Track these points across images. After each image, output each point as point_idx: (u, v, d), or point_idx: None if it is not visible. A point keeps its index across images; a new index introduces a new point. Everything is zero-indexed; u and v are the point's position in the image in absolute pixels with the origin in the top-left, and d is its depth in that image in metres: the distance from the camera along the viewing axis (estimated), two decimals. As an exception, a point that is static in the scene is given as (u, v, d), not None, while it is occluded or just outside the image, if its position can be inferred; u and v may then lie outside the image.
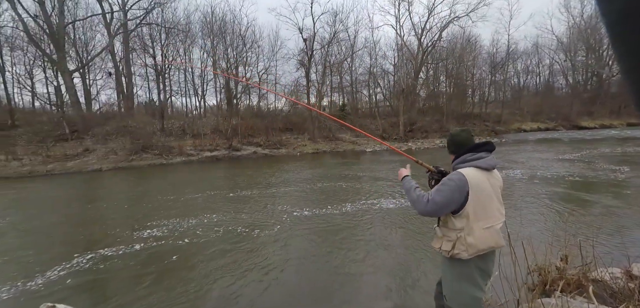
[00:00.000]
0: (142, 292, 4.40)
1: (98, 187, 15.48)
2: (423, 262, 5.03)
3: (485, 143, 2.11)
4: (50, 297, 4.38)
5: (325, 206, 8.69)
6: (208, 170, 19.13)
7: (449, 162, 2.38)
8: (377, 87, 37.74)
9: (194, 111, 32.75)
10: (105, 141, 24.07)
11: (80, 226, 7.95)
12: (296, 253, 5.68)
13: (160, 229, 7.12)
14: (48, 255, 5.98)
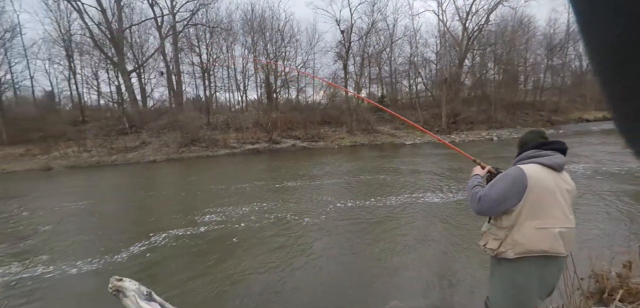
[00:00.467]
0: (207, 268, 5.11)
1: (156, 176, 17.05)
2: (464, 260, 4.94)
3: (554, 141, 1.90)
4: (133, 268, 5.30)
5: (368, 198, 8.92)
6: (250, 162, 20.10)
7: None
8: (418, 77, 36.40)
9: (237, 106, 34.34)
10: (159, 134, 26.22)
11: (148, 211, 9.20)
12: (339, 242, 6.04)
13: (218, 215, 7.97)
14: (127, 234, 6.99)
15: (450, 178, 11.59)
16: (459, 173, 12.18)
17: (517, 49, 35.00)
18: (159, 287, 4.71)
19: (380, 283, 4.43)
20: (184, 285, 4.68)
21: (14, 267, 5.60)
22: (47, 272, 5.30)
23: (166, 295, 4.41)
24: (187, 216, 8.01)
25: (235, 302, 4.20)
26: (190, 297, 4.41)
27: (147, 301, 2.43)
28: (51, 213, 9.27)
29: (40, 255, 5.93)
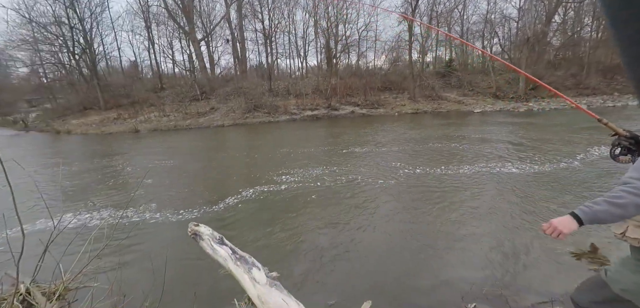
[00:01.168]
0: (289, 219, 5.97)
1: (227, 139, 18.36)
2: (528, 238, 4.70)
3: None
4: (229, 218, 6.24)
5: (437, 166, 8.98)
6: (310, 128, 20.44)
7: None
8: (495, 38, 32.56)
9: (297, 72, 34.71)
10: (226, 101, 27.89)
11: (232, 169, 10.34)
12: (408, 207, 6.35)
13: (294, 175, 8.85)
14: (219, 189, 8.05)
15: (528, 147, 10.68)
16: (538, 143, 11.15)
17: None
18: (251, 233, 5.49)
19: (445, 253, 4.51)
20: (269, 236, 5.33)
21: (125, 211, 6.80)
22: (151, 218, 6.38)
23: (254, 244, 5.07)
24: (267, 175, 8.93)
25: (308, 254, 4.68)
26: (276, 242, 5.11)
27: (220, 244, 2.71)
28: (150, 169, 10.78)
29: (142, 204, 7.13)
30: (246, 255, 2.67)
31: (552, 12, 28.40)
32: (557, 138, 12.07)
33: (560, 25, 30.13)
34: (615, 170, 7.47)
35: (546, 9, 28.45)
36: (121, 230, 5.78)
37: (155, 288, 2.75)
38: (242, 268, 2.50)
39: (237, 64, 32.21)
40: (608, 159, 7.15)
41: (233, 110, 26.18)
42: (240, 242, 4.89)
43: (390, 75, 30.33)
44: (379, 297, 3.61)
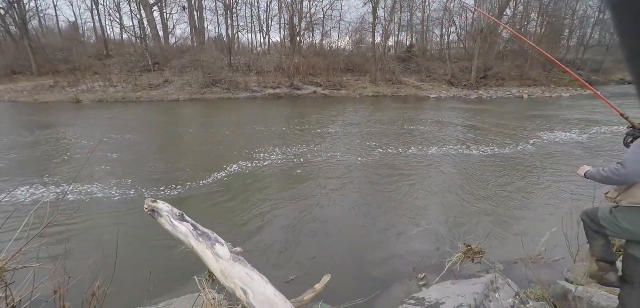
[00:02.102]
0: (258, 197, 6.06)
1: (185, 115, 17.30)
2: (475, 214, 5.25)
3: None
4: (195, 195, 6.11)
5: (401, 147, 9.67)
6: (273, 106, 20.06)
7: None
8: (452, 26, 33.93)
9: (259, 48, 33.47)
10: (181, 73, 26.24)
11: (193, 147, 9.92)
12: (369, 184, 6.78)
13: (261, 154, 8.84)
14: (183, 167, 7.71)
15: (486, 131, 11.85)
16: (495, 127, 12.22)
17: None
18: (216, 213, 5.45)
19: (400, 228, 4.90)
20: (234, 214, 5.35)
21: (69, 187, 6.34)
22: (102, 195, 5.86)
23: (219, 222, 5.04)
24: (231, 154, 8.82)
25: (272, 232, 4.76)
26: (241, 220, 5.16)
27: (180, 221, 2.63)
28: (100, 142, 9.99)
29: (93, 181, 6.55)
30: (208, 230, 2.63)
31: (504, 5, 30.16)
32: (512, 124, 13.41)
33: (510, 18, 32.13)
34: (559, 154, 8.52)
35: (499, 2, 30.13)
36: (68, 208, 5.41)
37: (106, 269, 2.58)
38: (204, 244, 2.47)
39: (194, 34, 30.22)
40: (556, 143, 8.25)
41: (189, 84, 24.77)
42: (204, 221, 4.86)
43: (353, 57, 30.49)
44: (338, 270, 3.80)
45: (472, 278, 3.24)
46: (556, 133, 11.49)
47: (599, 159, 8.09)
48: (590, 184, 5.88)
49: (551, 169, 7.46)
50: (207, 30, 32.45)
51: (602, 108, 17.24)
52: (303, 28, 28.88)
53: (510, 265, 3.86)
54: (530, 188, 6.44)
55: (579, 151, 9.07)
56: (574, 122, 13.55)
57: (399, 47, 34.86)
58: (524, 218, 5.18)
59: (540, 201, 5.79)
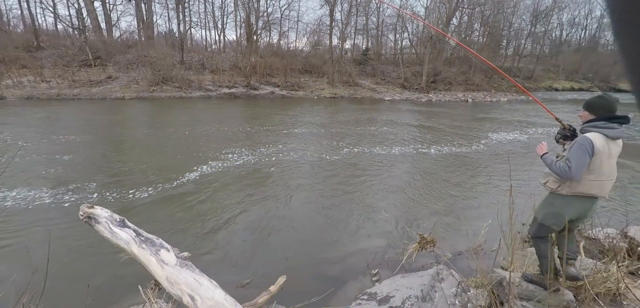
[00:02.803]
0: (213, 200, 5.88)
1: (132, 115, 16.03)
2: (426, 210, 5.53)
3: (622, 116, 2.34)
4: (143, 200, 5.66)
5: (360, 146, 9.94)
6: (230, 106, 19.41)
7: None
8: (405, 32, 35.55)
9: (213, 46, 32.23)
10: (127, 70, 24.39)
11: (143, 150, 9.17)
12: (325, 183, 6.86)
13: (240, 153, 8.68)
14: (130, 171, 7.16)
15: (442, 132, 12.59)
16: (449, 128, 12.98)
17: (505, 11, 34.66)
18: (167, 218, 5.11)
19: (355, 226, 5.00)
20: (187, 219, 5.01)
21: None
22: (31, 203, 5.11)
23: (170, 228, 4.64)
24: (211, 153, 8.55)
25: (227, 235, 4.56)
26: (194, 225, 4.81)
27: (121, 227, 2.48)
28: (42, 146, 8.86)
29: (21, 189, 5.64)
30: (153, 236, 2.50)
31: (451, 14, 32.27)
32: (465, 125, 14.45)
33: (456, 27, 34.49)
34: (505, 153, 9.24)
35: (447, 12, 32.17)
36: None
37: (35, 284, 2.30)
38: (148, 251, 2.35)
39: (141, 28, 28.24)
40: (502, 143, 9.04)
41: (136, 81, 23.11)
42: (154, 228, 4.55)
43: (311, 58, 30.62)
44: (294, 271, 3.79)
45: (420, 271, 3.40)
46: (502, 134, 12.58)
47: (538, 158, 8.95)
48: (525, 179, 6.49)
49: (497, 167, 8.16)
50: (156, 25, 30.58)
51: (536, 111, 19.30)
52: (260, 27, 28.38)
53: (456, 256, 4.11)
54: (477, 185, 6.95)
55: (522, 150, 10.01)
56: (516, 124, 14.97)
57: (355, 50, 35.72)
58: (470, 212, 5.58)
59: (484, 196, 6.26)
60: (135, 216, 5.06)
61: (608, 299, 2.80)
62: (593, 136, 2.30)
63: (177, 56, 26.28)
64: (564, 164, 2.36)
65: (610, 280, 2.88)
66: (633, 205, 5.70)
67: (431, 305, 2.74)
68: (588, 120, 2.44)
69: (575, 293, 2.92)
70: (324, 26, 31.26)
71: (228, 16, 30.97)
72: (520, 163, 8.59)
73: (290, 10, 30.75)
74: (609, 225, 4.11)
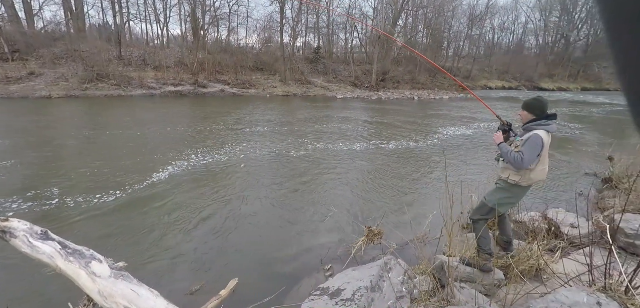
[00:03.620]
0: (158, 204, 5.57)
1: (62, 115, 14.20)
2: (379, 203, 5.73)
3: (553, 114, 2.77)
4: (77, 211, 5.07)
5: (315, 143, 10.05)
6: (177, 105, 18.28)
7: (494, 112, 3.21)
8: (354, 31, 36.46)
9: (156, 40, 30.12)
10: (54, 65, 21.83)
11: (77, 154, 8.33)
12: (277, 181, 6.79)
13: (210, 155, 8.31)
14: (63, 178, 6.33)
15: (397, 128, 13.13)
16: (406, 124, 13.39)
17: (445, 14, 37.19)
18: (105, 227, 4.66)
19: (308, 223, 4.97)
20: (131, 226, 4.59)
21: None
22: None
23: (110, 237, 4.17)
24: (171, 154, 8.11)
25: (176, 242, 4.28)
26: (138, 233, 4.45)
27: (43, 240, 2.27)
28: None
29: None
30: (82, 248, 2.30)
31: (397, 15, 33.81)
32: (414, 121, 15.19)
33: (402, 28, 36.24)
34: (453, 147, 9.81)
35: (393, 13, 33.64)
36: None
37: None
38: (76, 264, 2.17)
39: (69, 19, 25.41)
40: (452, 137, 9.95)
41: (65, 78, 20.77)
42: (90, 239, 4.25)
43: (262, 55, 30.06)
44: (247, 272, 3.71)
45: (370, 263, 3.49)
46: (450, 129, 13.45)
47: (486, 151, 9.76)
48: (465, 171, 6.83)
49: (445, 159, 8.63)
50: (88, 16, 27.76)
51: (476, 108, 21.07)
52: (207, 22, 27.15)
53: (403, 246, 4.26)
54: (424, 177, 7.32)
55: (469, 144, 10.78)
56: (464, 120, 16.12)
57: (307, 48, 35.83)
58: (418, 203, 5.87)
59: (431, 188, 6.60)
60: (74, 229, 4.62)
61: (531, 275, 3.11)
62: (541, 133, 2.68)
63: (113, 51, 24.14)
64: (518, 155, 2.70)
65: (533, 257, 3.19)
66: (552, 191, 6.38)
67: (380, 294, 2.84)
68: (530, 119, 2.81)
69: (504, 272, 3.21)
70: (274, 23, 30.93)
71: (171, 9, 29.15)
72: (464, 156, 9.24)
73: (239, 5, 29.94)
74: (531, 209, 4.57)
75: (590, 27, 46.99)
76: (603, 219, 4.29)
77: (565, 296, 2.21)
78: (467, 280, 3.07)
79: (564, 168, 8.07)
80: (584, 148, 10.46)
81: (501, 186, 2.99)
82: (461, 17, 40.74)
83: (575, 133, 13.32)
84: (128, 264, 2.41)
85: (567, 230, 4.04)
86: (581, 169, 7.96)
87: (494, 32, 48.68)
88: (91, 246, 2.36)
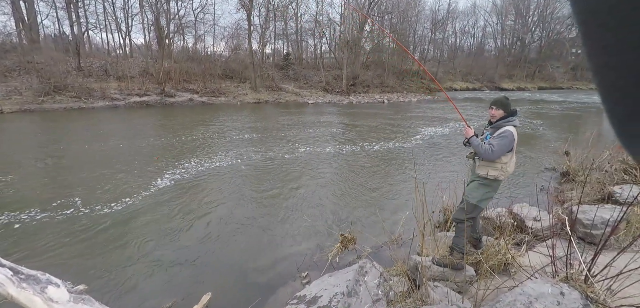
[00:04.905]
0: (122, 221, 5.32)
1: (25, 130, 13.32)
2: (352, 208, 5.79)
3: (516, 110, 2.97)
4: (41, 232, 4.61)
5: (282, 149, 10.07)
6: (143, 116, 17.67)
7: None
8: (323, 37, 37.01)
9: (118, 50, 28.96)
10: (5, 78, 20.43)
11: (31, 171, 7.54)
12: (251, 190, 6.76)
13: (172, 166, 8.15)
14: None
15: (376, 130, 13.23)
16: (384, 127, 13.70)
17: (409, 20, 38.64)
18: (69, 248, 4.42)
19: (282, 231, 4.93)
20: (94, 246, 4.19)
21: None
22: None
23: (72, 258, 4.04)
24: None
25: (143, 258, 4.12)
26: (103, 252, 4.24)
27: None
28: None
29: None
30: (37, 272, 2.18)
31: (364, 21, 34.70)
32: (391, 124, 15.69)
33: (369, 33, 37.19)
34: (428, 147, 10.20)
35: (360, 19, 34.49)
36: None
37: None
38: (30, 290, 2.05)
39: (22, 29, 23.91)
40: (425, 137, 11.33)
41: (19, 92, 19.51)
42: (55, 261, 4.11)
43: (231, 63, 29.74)
44: (221, 285, 3.66)
45: (346, 268, 3.51)
46: (419, 130, 13.99)
47: (454, 150, 10.11)
48: (438, 171, 7.06)
49: (418, 161, 8.94)
50: (42, 26, 26.25)
51: (444, 109, 22.04)
52: (172, 30, 26.53)
53: (378, 249, 4.32)
54: (396, 179, 7.50)
55: (438, 144, 11.22)
56: (432, 121, 16.81)
57: (276, 55, 35.88)
58: (392, 205, 5.99)
59: (403, 189, 6.74)
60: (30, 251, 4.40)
61: (500, 269, 3.23)
62: (512, 129, 2.88)
63: (72, 62, 22.96)
64: (489, 147, 2.85)
65: (501, 253, 3.31)
66: (516, 186, 6.72)
67: (356, 298, 2.88)
68: (502, 117, 2.97)
69: (475, 268, 3.32)
70: (242, 30, 30.73)
71: (133, 18, 28.23)
72: (434, 156, 9.58)
73: (204, 13, 29.42)
74: (498, 205, 4.73)
75: (543, 30, 50.63)
76: (562, 212, 4.44)
77: (532, 288, 2.34)
78: (440, 279, 3.16)
79: (526, 164, 8.50)
80: (544, 144, 11.15)
81: (482, 183, 3.04)
82: (425, 21, 42.54)
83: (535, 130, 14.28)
84: (89, 287, 2.36)
85: (531, 224, 4.24)
86: (542, 165, 8.42)
87: (456, 36, 51.22)
88: (50, 269, 2.27)
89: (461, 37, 52.94)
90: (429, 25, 42.39)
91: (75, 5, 24.57)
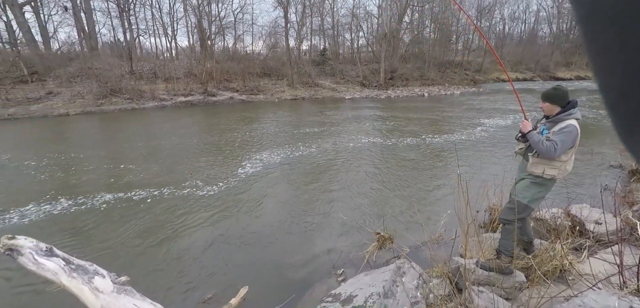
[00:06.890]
0: (171, 217, 5.36)
1: (80, 132, 14.62)
2: (392, 201, 5.63)
3: (576, 101, 2.60)
4: (91, 221, 5.16)
5: (327, 144, 10.23)
6: (189, 115, 18.60)
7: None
8: (360, 31, 36.35)
9: (165, 53, 30.80)
10: (70, 83, 22.59)
11: (89, 166, 8.16)
12: (290, 186, 6.75)
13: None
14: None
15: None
16: (435, 120, 13.35)
17: (452, 8, 36.59)
18: (121, 241, 4.67)
19: (319, 227, 4.89)
20: (144, 240, 4.61)
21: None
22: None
23: (124, 251, 4.12)
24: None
25: (187, 251, 4.15)
26: (151, 246, 4.42)
27: (48, 257, 2.31)
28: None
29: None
30: (86, 263, 2.35)
31: (403, 12, 33.49)
32: (431, 117, 15.16)
33: (409, 24, 35.85)
34: (488, 143, 9.72)
35: (398, 10, 33.34)
36: None
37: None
38: (79, 280, 2.22)
39: (82, 38, 26.29)
40: (469, 132, 10.67)
41: (81, 95, 21.47)
42: (107, 252, 4.36)
43: (269, 61, 30.31)
44: (258, 280, 3.67)
45: (383, 267, 3.38)
46: (463, 124, 13.25)
47: (502, 146, 9.40)
48: (483, 168, 6.54)
49: (461, 157, 8.37)
50: (100, 35, 28.67)
51: (491, 102, 20.66)
52: (214, 32, 27.60)
53: (417, 248, 4.14)
54: (437, 175, 7.09)
55: (484, 139, 10.50)
56: (477, 115, 15.86)
57: (313, 51, 35.92)
58: (431, 202, 5.69)
59: (444, 186, 6.33)
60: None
61: (555, 276, 2.94)
62: (575, 123, 2.53)
63: (125, 66, 24.79)
64: (551, 144, 2.51)
65: (556, 258, 3.01)
66: (574, 185, 6.04)
67: (393, 300, 2.75)
68: (559, 111, 2.61)
69: (526, 274, 3.03)
70: (279, 28, 31.12)
71: (178, 22, 29.82)
72: (479, 152, 8.94)
73: (243, 13, 30.27)
74: (552, 206, 4.33)
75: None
76: (632, 215, 3.98)
77: (594, 300, 2.07)
78: (485, 283, 2.92)
79: (586, 160, 7.58)
80: (608, 138, 9.87)
81: (535, 182, 2.75)
82: (469, 9, 40.00)
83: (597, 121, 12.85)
84: (130, 278, 2.43)
85: (592, 227, 3.80)
86: (606, 161, 7.50)
87: (504, 22, 47.56)
88: (100, 258, 2.37)
89: (510, 23, 49.13)
90: (474, 12, 39.79)
91: (127, 13, 26.44)
